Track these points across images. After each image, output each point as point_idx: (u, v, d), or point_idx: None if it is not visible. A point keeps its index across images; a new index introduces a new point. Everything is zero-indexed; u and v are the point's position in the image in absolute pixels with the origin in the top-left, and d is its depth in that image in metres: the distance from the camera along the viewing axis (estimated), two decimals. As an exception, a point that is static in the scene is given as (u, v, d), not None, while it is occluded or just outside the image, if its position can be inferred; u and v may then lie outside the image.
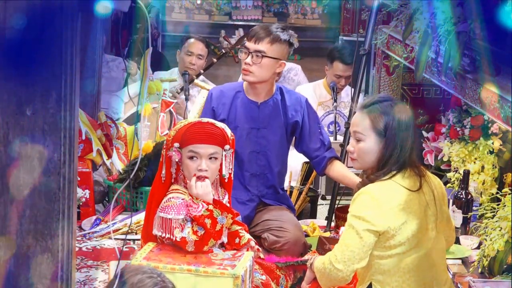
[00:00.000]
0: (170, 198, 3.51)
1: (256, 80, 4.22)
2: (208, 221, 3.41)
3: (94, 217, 4.87)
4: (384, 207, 3.05)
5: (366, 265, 3.13)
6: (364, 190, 3.12)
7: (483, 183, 4.38)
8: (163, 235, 3.46)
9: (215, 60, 6.43)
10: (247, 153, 4.23)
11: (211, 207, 3.44)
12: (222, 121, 4.02)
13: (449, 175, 4.45)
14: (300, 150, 4.41)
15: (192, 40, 6.19)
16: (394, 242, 3.05)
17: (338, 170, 4.29)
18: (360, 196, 3.12)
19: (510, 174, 4.36)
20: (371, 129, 3.18)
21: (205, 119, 3.65)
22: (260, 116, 4.26)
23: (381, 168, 3.15)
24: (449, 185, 4.34)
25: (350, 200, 3.23)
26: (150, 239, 3.57)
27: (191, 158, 3.54)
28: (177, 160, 3.56)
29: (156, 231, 3.49)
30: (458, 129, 4.55)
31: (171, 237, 3.43)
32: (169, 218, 3.44)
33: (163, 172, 3.59)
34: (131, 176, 3.90)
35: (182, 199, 3.50)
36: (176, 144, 3.54)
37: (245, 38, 4.27)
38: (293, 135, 4.36)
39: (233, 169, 3.69)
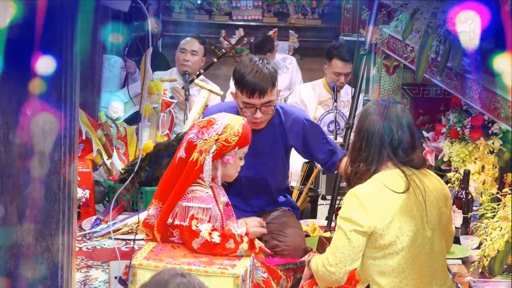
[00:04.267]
0: (195, 190, 3.54)
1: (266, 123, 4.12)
2: (231, 243, 3.45)
3: (94, 217, 4.87)
4: (369, 207, 3.05)
5: (361, 266, 3.13)
6: (351, 191, 3.13)
7: (484, 183, 4.37)
8: (182, 223, 3.47)
9: (215, 60, 6.43)
10: (246, 177, 4.12)
11: (246, 238, 3.47)
12: None
13: (449, 175, 4.45)
14: (307, 158, 4.41)
15: (187, 38, 6.21)
16: (384, 242, 3.05)
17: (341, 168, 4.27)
18: (347, 197, 3.14)
19: (510, 174, 4.36)
20: None
21: (242, 118, 3.69)
22: (259, 143, 4.09)
23: (351, 166, 3.21)
24: (449, 185, 4.34)
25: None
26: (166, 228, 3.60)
27: (241, 158, 3.66)
28: (232, 163, 3.62)
29: (170, 220, 3.52)
30: (458, 129, 4.55)
31: (188, 225, 3.45)
32: (193, 207, 3.48)
33: (208, 174, 3.56)
34: (130, 177, 3.90)
35: (206, 192, 3.55)
36: (236, 148, 3.59)
37: (242, 93, 3.93)
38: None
39: None
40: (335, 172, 4.36)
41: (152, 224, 3.63)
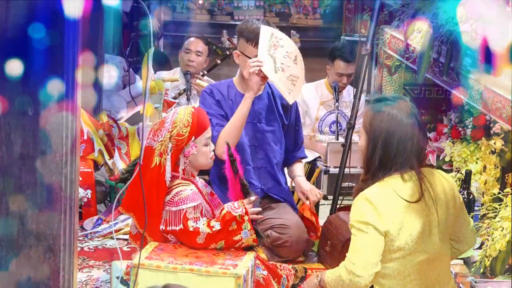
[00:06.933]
0: (179, 192, 3.53)
1: None
2: (233, 225, 3.45)
3: (95, 217, 4.88)
4: (382, 211, 3.00)
5: None
6: (360, 195, 3.06)
7: (485, 183, 4.37)
8: (174, 228, 3.47)
9: (219, 61, 6.44)
10: (246, 147, 4.26)
11: (246, 217, 3.46)
12: (225, 115, 4.19)
13: (451, 175, 4.44)
14: None
15: (191, 38, 6.21)
16: (393, 247, 3.01)
17: (292, 166, 4.50)
18: (358, 201, 3.07)
19: (512, 174, 4.36)
20: (363, 127, 3.15)
21: (192, 106, 3.78)
22: (255, 110, 4.29)
23: (367, 170, 3.11)
24: (451, 185, 4.33)
25: (352, 200, 3.21)
26: (158, 235, 3.57)
27: (206, 144, 3.64)
28: (196, 153, 3.59)
29: (162, 227, 3.51)
30: (460, 129, 4.55)
31: (183, 228, 3.45)
32: (183, 209, 3.48)
33: (168, 175, 3.55)
34: (133, 177, 3.89)
35: (191, 189, 3.54)
36: (192, 138, 3.58)
37: (254, 44, 4.21)
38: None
39: None
40: (285, 168, 4.50)
41: (138, 234, 3.62)
